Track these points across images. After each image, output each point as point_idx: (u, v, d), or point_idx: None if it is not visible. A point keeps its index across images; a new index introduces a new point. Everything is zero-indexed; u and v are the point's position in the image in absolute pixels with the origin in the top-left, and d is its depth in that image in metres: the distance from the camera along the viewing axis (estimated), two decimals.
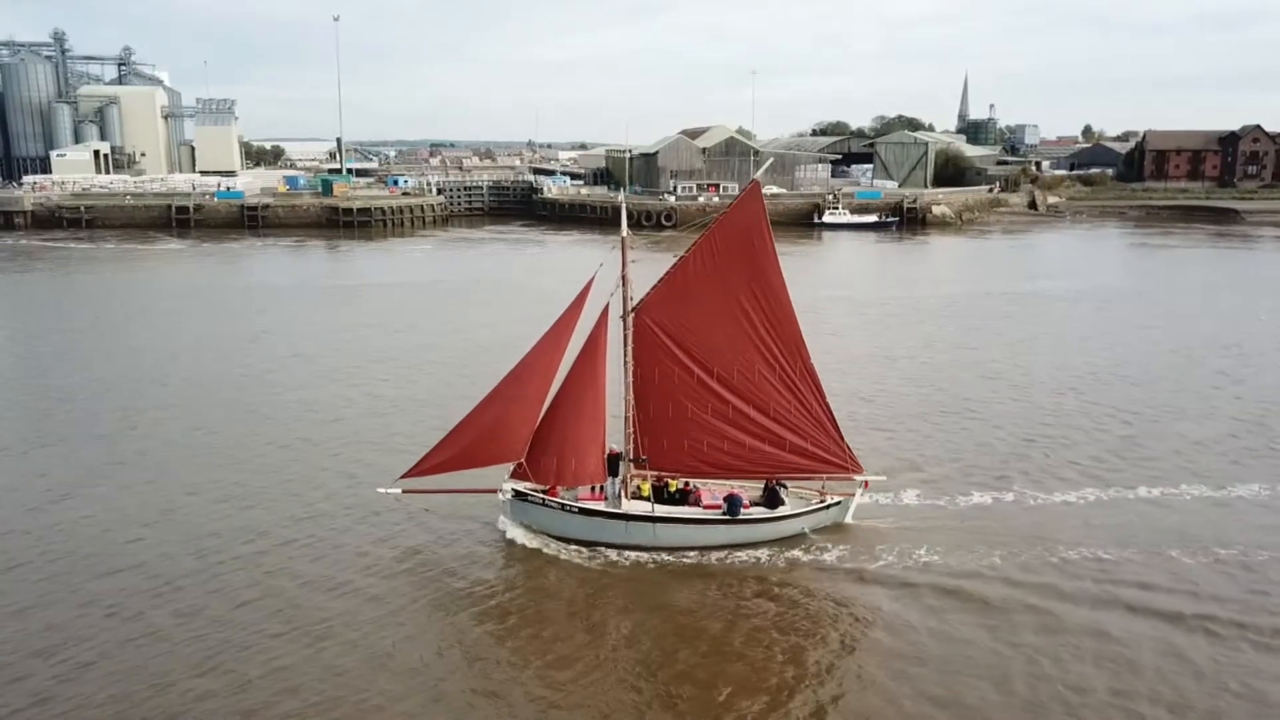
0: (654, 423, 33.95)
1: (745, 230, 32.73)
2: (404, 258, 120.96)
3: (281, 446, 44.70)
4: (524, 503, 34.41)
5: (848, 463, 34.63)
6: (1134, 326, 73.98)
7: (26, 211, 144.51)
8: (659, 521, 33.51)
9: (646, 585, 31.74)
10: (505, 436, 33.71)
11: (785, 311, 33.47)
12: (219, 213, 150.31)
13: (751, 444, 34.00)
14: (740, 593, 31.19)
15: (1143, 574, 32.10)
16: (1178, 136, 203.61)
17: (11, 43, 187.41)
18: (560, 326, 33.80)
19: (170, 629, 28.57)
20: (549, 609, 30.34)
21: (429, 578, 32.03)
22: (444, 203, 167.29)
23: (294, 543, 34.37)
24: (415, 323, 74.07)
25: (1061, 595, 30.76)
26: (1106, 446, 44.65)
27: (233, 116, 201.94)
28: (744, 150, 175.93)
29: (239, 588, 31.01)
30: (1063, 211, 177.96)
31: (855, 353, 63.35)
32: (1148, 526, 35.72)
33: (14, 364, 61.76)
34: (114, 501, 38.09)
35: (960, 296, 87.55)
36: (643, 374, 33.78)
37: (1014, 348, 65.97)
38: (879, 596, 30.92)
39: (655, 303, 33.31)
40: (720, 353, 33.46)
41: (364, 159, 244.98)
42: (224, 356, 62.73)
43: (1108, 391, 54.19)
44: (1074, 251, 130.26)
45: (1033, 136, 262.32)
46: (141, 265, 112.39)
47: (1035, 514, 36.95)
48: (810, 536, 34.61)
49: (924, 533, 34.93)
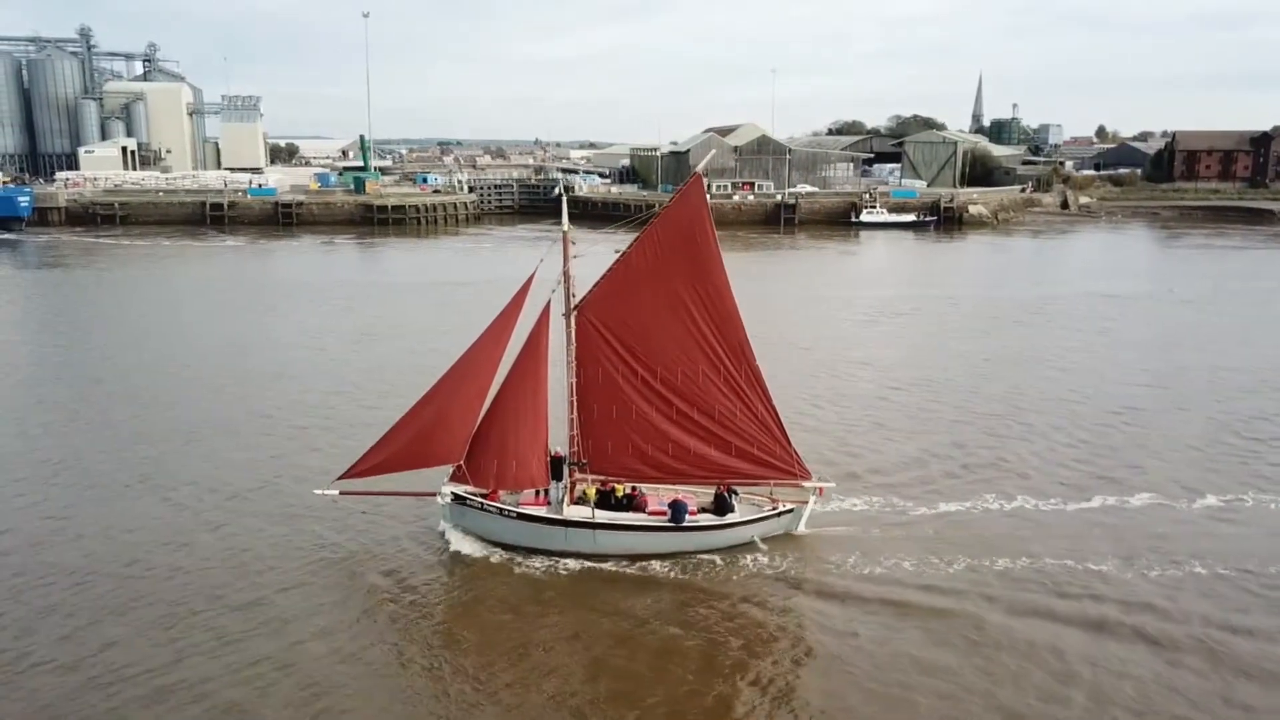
0: (596, 425, 32.65)
1: (688, 226, 31.28)
2: (469, 255, 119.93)
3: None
4: (463, 506, 33.25)
5: (794, 468, 33.11)
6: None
7: (61, 208, 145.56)
8: (600, 528, 32.22)
9: (585, 594, 30.50)
10: (444, 437, 32.59)
11: (729, 312, 32.03)
12: (253, 210, 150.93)
13: (695, 447, 32.59)
14: (682, 602, 29.85)
15: (1100, 585, 30.60)
16: (1208, 137, 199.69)
17: (38, 39, 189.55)
18: (500, 323, 32.60)
19: (49, 639, 27.70)
20: (483, 616, 29.21)
21: (362, 583, 30.95)
22: (476, 200, 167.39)
23: (216, 546, 33.40)
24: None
25: (1016, 608, 29.26)
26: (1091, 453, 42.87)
27: (258, 113, 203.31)
28: (777, 149, 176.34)
29: (149, 593, 30.07)
30: (1095, 212, 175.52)
31: (881, 355, 61.93)
32: (1116, 537, 34.09)
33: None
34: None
35: (1059, 298, 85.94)
36: (585, 374, 32.49)
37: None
38: (827, 608, 29.52)
39: (598, 300, 31.98)
40: (663, 353, 32.08)
41: (379, 157, 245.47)
42: (401, 350, 61.12)
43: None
44: (1143, 254, 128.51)
45: (1056, 136, 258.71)
46: (214, 260, 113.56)
47: (1002, 523, 35.31)
48: (760, 545, 33.12)
49: (880, 542, 33.42)
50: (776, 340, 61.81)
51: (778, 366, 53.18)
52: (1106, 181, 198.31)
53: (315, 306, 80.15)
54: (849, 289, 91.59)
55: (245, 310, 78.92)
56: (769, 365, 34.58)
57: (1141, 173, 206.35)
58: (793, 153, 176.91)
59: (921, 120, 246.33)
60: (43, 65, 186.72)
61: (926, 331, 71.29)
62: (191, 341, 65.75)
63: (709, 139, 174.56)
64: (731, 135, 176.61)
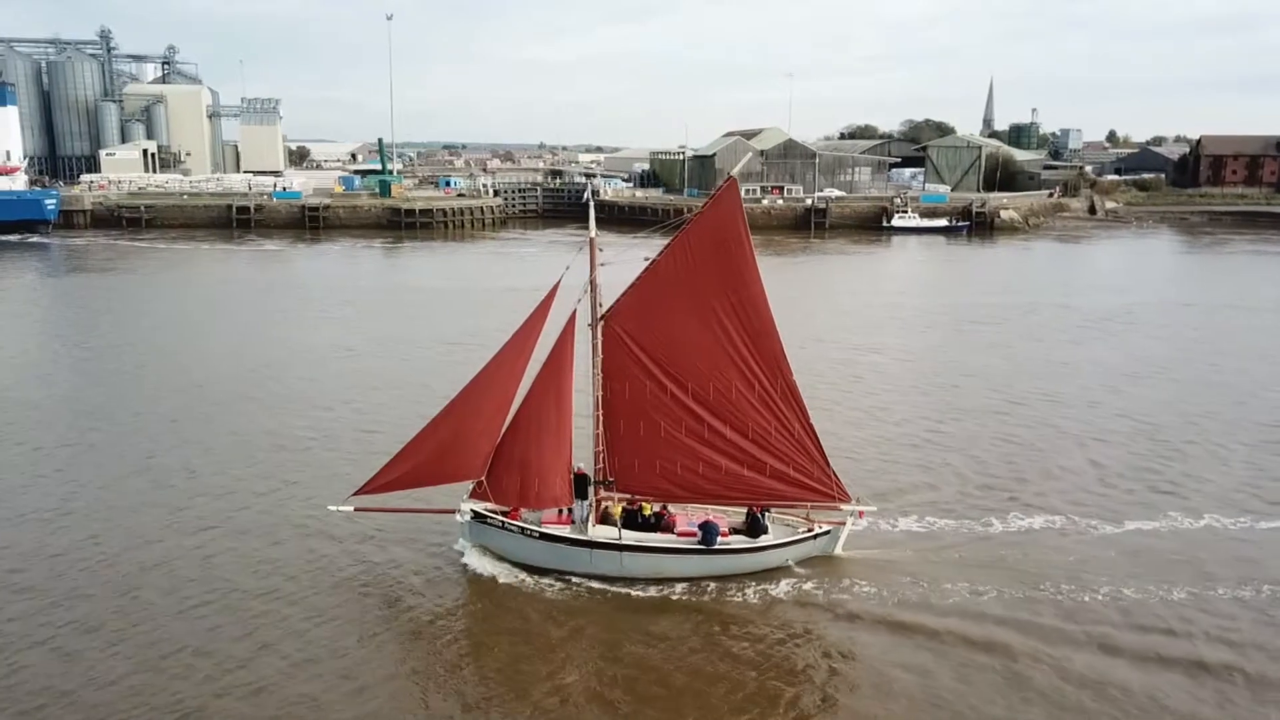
0: (623, 441, 31.07)
1: (722, 232, 29.65)
2: (521, 260, 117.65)
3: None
4: (483, 525, 31.77)
5: (833, 490, 31.41)
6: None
7: (86, 210, 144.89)
8: (626, 550, 30.68)
9: (609, 618, 28.96)
10: (464, 453, 31.10)
11: (765, 324, 30.35)
12: (279, 213, 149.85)
13: (728, 467, 30.95)
14: (713, 629, 28.26)
15: (1162, 615, 28.75)
16: (1234, 141, 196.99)
17: (58, 40, 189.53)
18: (524, 334, 31.06)
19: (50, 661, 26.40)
20: (502, 641, 27.70)
21: (375, 603, 29.58)
22: (501, 204, 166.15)
23: (224, 561, 32.14)
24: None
25: (1072, 640, 27.44)
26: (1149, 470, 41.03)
27: (277, 116, 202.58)
28: (804, 153, 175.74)
29: (151, 610, 28.80)
30: (1122, 217, 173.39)
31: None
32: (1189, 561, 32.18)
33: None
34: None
35: (1143, 305, 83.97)
36: (612, 388, 30.91)
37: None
38: (866, 638, 27.84)
39: (626, 310, 30.43)
40: (695, 367, 30.46)
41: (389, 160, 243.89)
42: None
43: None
44: (1195, 262, 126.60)
45: (1075, 141, 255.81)
46: (275, 262, 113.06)
47: (1048, 547, 33.41)
48: (794, 568, 31.51)
49: (923, 566, 31.65)
50: (821, 353, 60.79)
51: (819, 380, 52.11)
52: (1132, 186, 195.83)
53: (387, 313, 78.80)
54: (920, 296, 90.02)
55: (308, 315, 77.57)
56: (807, 379, 33.01)
57: (1165, 177, 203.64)
58: (820, 156, 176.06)
59: (934, 125, 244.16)
60: (63, 67, 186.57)
61: (1020, 340, 69.26)
62: (239, 348, 64.30)
63: (735, 143, 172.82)
64: (756, 139, 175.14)
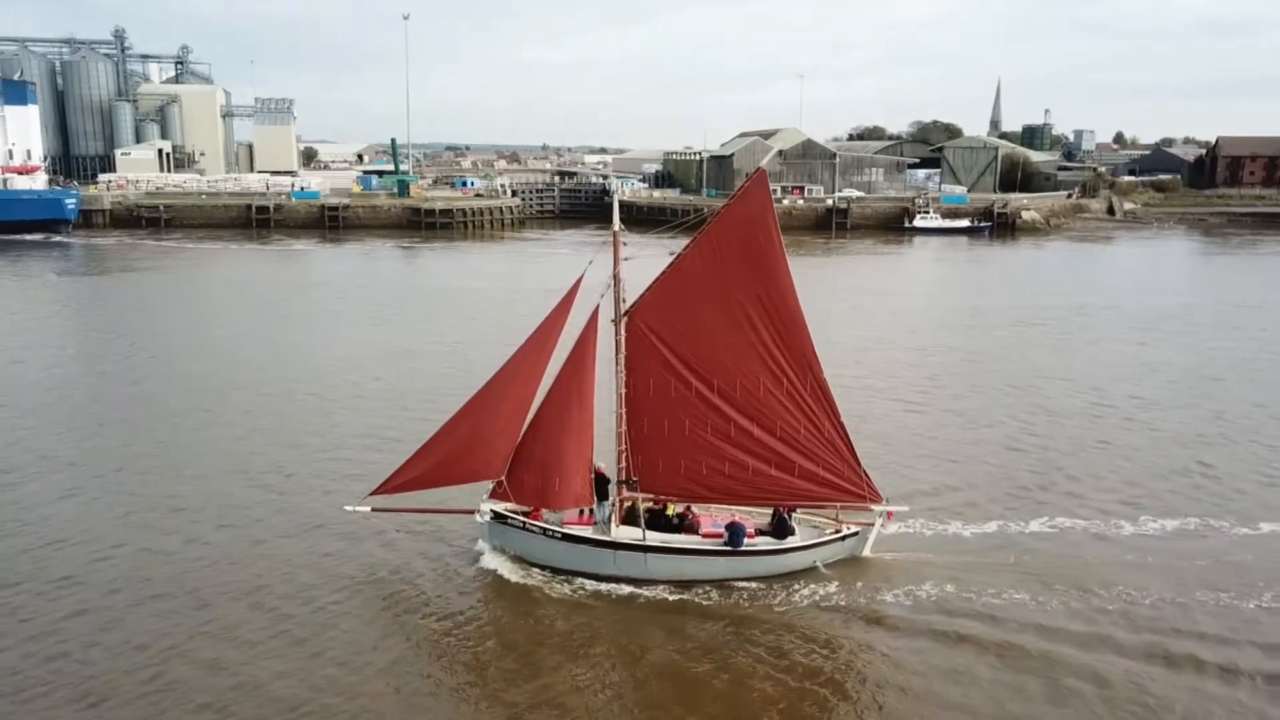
0: (647, 440, 30.25)
1: (749, 226, 28.85)
2: (549, 260, 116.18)
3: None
4: (503, 525, 31.01)
5: (865, 490, 30.53)
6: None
7: (105, 210, 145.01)
8: (651, 551, 29.87)
9: (632, 621, 28.16)
10: (483, 452, 30.34)
11: (795, 320, 29.49)
12: (298, 213, 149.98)
13: (756, 467, 30.11)
14: (739, 633, 27.42)
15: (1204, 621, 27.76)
16: (1252, 142, 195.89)
17: (72, 40, 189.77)
18: (545, 330, 30.33)
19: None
20: (524, 644, 26.93)
21: (391, 605, 28.86)
22: (520, 204, 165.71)
23: (238, 561, 31.49)
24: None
25: (1118, 647, 26.42)
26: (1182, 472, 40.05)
27: (291, 116, 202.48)
28: (823, 153, 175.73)
29: (165, 612, 28.12)
30: (1141, 217, 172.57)
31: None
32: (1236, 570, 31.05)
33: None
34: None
35: (1198, 307, 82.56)
36: (636, 385, 30.11)
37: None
38: (898, 642, 26.93)
39: (650, 305, 29.64)
40: (721, 364, 29.64)
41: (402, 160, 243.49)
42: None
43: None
44: (1229, 263, 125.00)
45: (1088, 142, 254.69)
46: (305, 261, 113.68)
47: (1086, 549, 32.44)
48: (822, 570, 30.66)
49: (957, 569, 30.67)
50: (891, 355, 60.38)
51: (859, 380, 51.77)
52: (1149, 188, 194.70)
53: (442, 313, 78.43)
54: (959, 297, 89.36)
55: (363, 315, 77.17)
56: (838, 376, 32.15)
57: (1181, 178, 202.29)
58: (838, 157, 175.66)
59: (944, 126, 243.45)
60: (77, 67, 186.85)
61: (1080, 340, 68.15)
62: (264, 348, 63.80)
63: (753, 143, 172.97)
64: (773, 139, 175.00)
